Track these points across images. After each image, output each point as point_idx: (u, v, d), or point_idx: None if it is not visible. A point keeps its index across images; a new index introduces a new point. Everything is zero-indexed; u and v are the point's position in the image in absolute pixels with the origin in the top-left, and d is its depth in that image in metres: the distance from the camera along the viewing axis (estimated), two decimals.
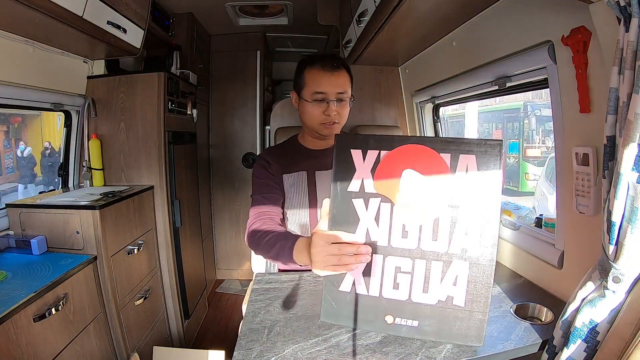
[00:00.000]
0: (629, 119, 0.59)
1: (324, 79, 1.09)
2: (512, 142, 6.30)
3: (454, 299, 0.71)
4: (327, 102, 1.09)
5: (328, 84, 1.09)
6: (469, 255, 0.70)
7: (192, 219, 2.34)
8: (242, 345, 0.75)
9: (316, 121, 1.12)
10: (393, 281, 0.73)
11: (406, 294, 0.73)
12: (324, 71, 1.09)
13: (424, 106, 2.02)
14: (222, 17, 2.46)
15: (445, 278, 0.71)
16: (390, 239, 0.73)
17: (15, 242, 1.37)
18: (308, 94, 1.11)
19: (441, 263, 0.71)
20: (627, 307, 0.65)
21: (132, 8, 1.57)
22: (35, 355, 1.05)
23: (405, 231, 0.72)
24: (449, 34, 1.47)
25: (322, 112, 1.10)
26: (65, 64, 1.65)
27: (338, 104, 1.10)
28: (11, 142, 4.59)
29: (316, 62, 1.11)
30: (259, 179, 1.16)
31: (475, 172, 0.68)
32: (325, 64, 1.10)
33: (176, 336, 1.99)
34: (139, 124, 1.82)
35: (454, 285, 0.70)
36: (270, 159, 1.18)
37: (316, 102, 1.10)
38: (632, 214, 0.61)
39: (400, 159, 0.72)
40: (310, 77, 1.11)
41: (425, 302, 0.72)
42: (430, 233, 0.71)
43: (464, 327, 0.71)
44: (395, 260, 0.73)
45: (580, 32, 0.80)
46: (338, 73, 1.10)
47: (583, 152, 0.85)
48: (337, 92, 1.09)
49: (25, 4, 1.04)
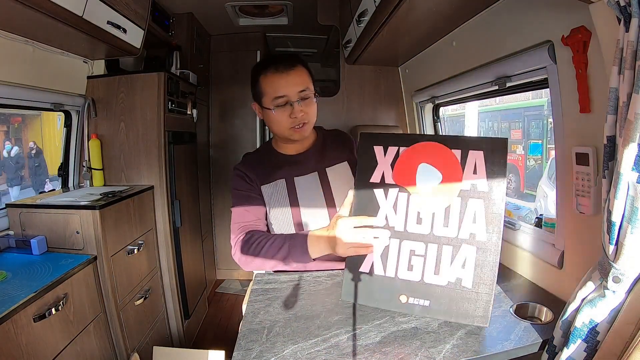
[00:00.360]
0: (629, 119, 0.59)
1: (281, 82, 1.02)
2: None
3: (463, 280, 0.77)
4: (291, 104, 1.02)
5: (287, 86, 1.02)
6: (476, 241, 0.76)
7: (192, 219, 2.34)
8: (241, 346, 0.75)
9: (284, 127, 1.05)
10: (408, 263, 0.81)
11: (419, 275, 0.80)
12: (279, 73, 1.02)
13: (424, 106, 2.02)
14: (222, 17, 2.46)
15: (455, 261, 0.77)
16: (406, 225, 0.81)
17: (15, 242, 1.37)
18: (269, 101, 1.04)
19: (451, 247, 0.78)
20: (627, 307, 0.65)
21: (132, 8, 1.57)
22: (35, 355, 1.05)
23: (420, 218, 0.80)
24: (449, 34, 1.47)
25: (288, 115, 1.03)
26: (65, 64, 1.65)
27: (302, 103, 1.04)
28: (11, 142, 4.57)
29: (269, 66, 1.04)
30: (238, 191, 1.12)
31: (482, 166, 0.76)
32: (279, 65, 1.03)
33: (176, 336, 2.00)
34: (139, 124, 1.81)
35: (462, 268, 0.77)
36: (246, 170, 1.12)
37: (279, 107, 1.03)
38: (632, 214, 0.61)
39: (417, 154, 0.81)
40: (266, 83, 1.04)
41: (437, 283, 0.79)
42: (442, 220, 0.79)
43: (471, 308, 0.77)
44: (410, 244, 0.81)
45: (580, 32, 0.80)
46: (294, 71, 1.03)
47: (583, 152, 0.85)
48: (298, 91, 1.03)
49: (25, 4, 1.04)
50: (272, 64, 1.04)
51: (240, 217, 1.09)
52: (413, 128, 2.20)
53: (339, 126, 2.44)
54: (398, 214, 0.82)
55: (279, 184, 1.11)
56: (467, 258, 0.77)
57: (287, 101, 1.03)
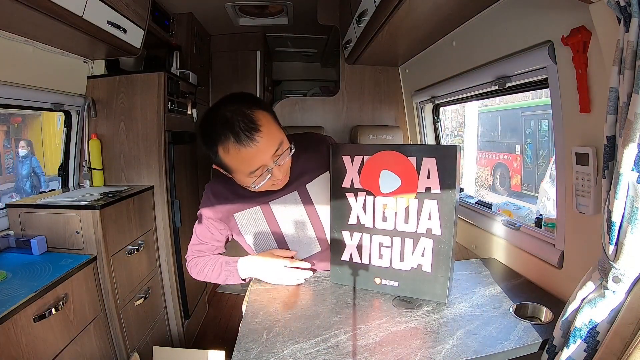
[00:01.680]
0: (629, 119, 0.59)
1: (250, 156, 0.84)
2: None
3: (423, 266, 0.91)
4: (269, 170, 0.89)
5: (259, 157, 0.85)
6: (432, 234, 0.89)
7: (192, 219, 2.32)
8: (241, 346, 0.75)
9: (264, 188, 0.95)
10: (378, 253, 0.96)
11: (388, 262, 0.95)
12: (244, 148, 0.83)
13: (424, 106, 2.02)
14: (222, 17, 2.46)
15: (416, 251, 0.91)
16: (374, 222, 0.95)
17: (15, 242, 1.37)
18: (243, 178, 0.90)
19: (412, 240, 0.91)
20: (627, 307, 0.65)
21: (132, 8, 1.57)
22: (35, 355, 1.05)
23: (385, 216, 0.93)
24: (449, 34, 1.47)
25: (269, 180, 0.90)
26: (65, 64, 1.65)
27: (281, 160, 0.89)
28: (11, 142, 4.55)
29: (227, 136, 0.83)
30: (202, 216, 1.07)
31: (435, 171, 0.86)
32: (240, 134, 0.82)
33: (176, 336, 2.00)
34: (139, 124, 1.81)
35: (422, 256, 0.91)
36: (216, 199, 1.04)
37: (258, 178, 0.89)
38: (632, 214, 0.61)
39: (379, 162, 0.92)
40: (232, 160, 0.86)
41: (402, 269, 0.93)
42: (403, 218, 0.91)
43: (431, 288, 0.91)
44: (379, 238, 0.95)
45: (580, 32, 0.80)
46: (261, 135, 0.84)
47: (583, 152, 0.85)
48: (272, 154, 0.87)
49: (25, 4, 1.04)
50: (230, 132, 0.83)
51: (196, 242, 1.11)
52: (413, 128, 2.20)
53: (339, 126, 2.45)
54: (367, 213, 0.95)
55: (255, 212, 1.03)
56: (425, 248, 0.90)
57: (264, 170, 0.89)
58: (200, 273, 1.09)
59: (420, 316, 0.86)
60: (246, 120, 0.83)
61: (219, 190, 1.05)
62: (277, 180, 0.94)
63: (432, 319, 0.85)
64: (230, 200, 1.03)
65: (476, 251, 1.45)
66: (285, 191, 1.03)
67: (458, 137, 5.72)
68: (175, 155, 1.98)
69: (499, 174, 5.99)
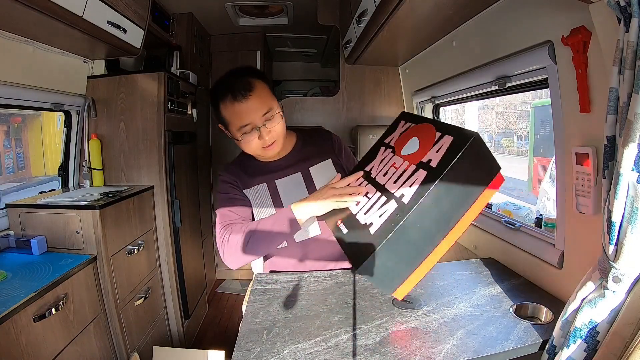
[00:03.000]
0: (629, 119, 0.59)
1: (241, 111, 1.00)
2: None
3: (371, 227, 0.84)
4: (257, 129, 1.02)
5: (248, 114, 1.00)
6: (400, 200, 0.82)
7: (192, 219, 2.34)
8: (241, 346, 0.75)
9: (255, 149, 1.06)
10: (358, 201, 0.95)
11: (357, 210, 0.93)
12: (237, 102, 0.99)
13: (424, 106, 2.02)
14: (222, 17, 2.46)
15: (378, 209, 0.86)
16: (377, 175, 0.97)
17: (15, 242, 1.37)
18: (235, 131, 1.04)
19: (385, 198, 0.87)
20: (627, 307, 0.65)
21: (132, 8, 1.57)
22: (35, 355, 1.05)
23: (387, 172, 0.94)
24: (449, 34, 1.47)
25: (257, 139, 1.03)
26: (65, 64, 1.65)
27: (268, 124, 1.02)
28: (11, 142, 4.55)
29: (227, 93, 1.01)
30: (222, 194, 1.13)
31: (444, 148, 0.82)
32: (236, 92, 0.99)
33: (176, 336, 2.00)
34: (139, 124, 1.81)
35: (378, 217, 0.84)
36: (229, 175, 1.14)
37: (246, 134, 1.03)
38: (632, 214, 0.61)
39: (415, 130, 0.96)
40: (227, 113, 1.02)
41: (360, 220, 0.90)
42: (396, 177, 0.89)
43: (359, 252, 0.83)
44: (369, 188, 0.95)
45: (580, 32, 0.80)
46: (253, 96, 1.00)
47: (583, 152, 0.85)
48: (261, 115, 1.01)
49: (25, 4, 1.04)
50: (229, 89, 1.00)
51: (224, 217, 1.09)
52: None
53: (339, 126, 2.45)
54: (380, 165, 0.98)
55: (260, 189, 1.12)
56: (386, 211, 0.84)
57: (252, 127, 1.02)
58: (249, 234, 1.01)
59: (420, 316, 0.86)
60: (243, 83, 1.01)
61: (232, 171, 1.17)
62: (267, 145, 1.04)
63: (432, 319, 0.85)
64: (241, 177, 1.14)
65: (476, 251, 1.45)
66: (290, 171, 1.13)
67: None
68: (175, 155, 1.98)
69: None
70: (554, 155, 1.12)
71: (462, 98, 1.67)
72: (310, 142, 1.20)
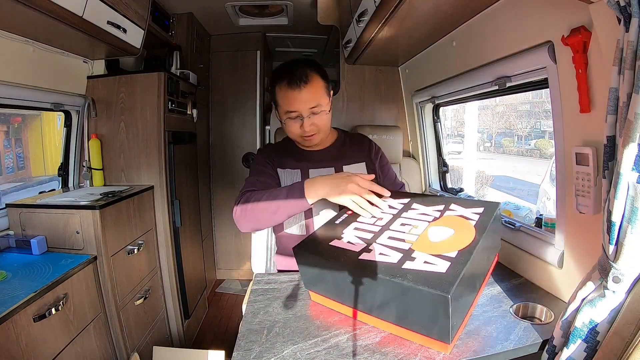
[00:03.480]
0: (629, 119, 0.59)
1: (292, 98, 1.06)
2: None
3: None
4: (301, 118, 1.08)
5: (297, 103, 1.06)
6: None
7: (192, 219, 2.34)
8: (241, 346, 0.75)
9: (295, 135, 1.14)
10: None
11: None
12: (291, 89, 1.06)
13: (424, 106, 2.02)
14: (222, 17, 2.46)
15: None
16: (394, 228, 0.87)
17: (15, 242, 1.37)
18: (282, 113, 1.11)
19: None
20: (627, 307, 0.65)
21: (132, 8, 1.57)
22: (35, 355, 1.05)
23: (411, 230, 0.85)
24: (449, 34, 1.47)
25: (299, 127, 1.10)
26: (65, 64, 1.65)
27: (313, 117, 1.09)
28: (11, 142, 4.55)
29: (284, 78, 1.07)
30: (258, 165, 1.19)
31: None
32: (292, 80, 1.05)
33: (176, 336, 2.00)
34: (139, 124, 1.82)
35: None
36: (268, 151, 1.23)
37: (290, 119, 1.10)
38: (632, 214, 0.61)
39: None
40: (280, 97, 1.09)
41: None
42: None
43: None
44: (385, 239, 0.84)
45: (580, 32, 0.80)
46: (307, 87, 1.06)
47: (583, 152, 0.85)
48: (309, 107, 1.07)
49: (25, 4, 1.04)
50: (287, 76, 1.06)
51: (250, 185, 1.12)
52: (413, 128, 2.20)
53: (339, 126, 2.44)
54: (404, 223, 0.88)
55: (295, 173, 1.17)
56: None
57: (297, 115, 1.09)
58: (255, 200, 1.03)
59: None
60: (301, 73, 1.06)
61: (273, 148, 1.28)
62: (307, 135, 1.11)
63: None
64: (279, 156, 1.21)
65: None
66: (325, 164, 1.19)
67: (458, 137, 5.73)
68: (175, 155, 1.98)
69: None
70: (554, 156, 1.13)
71: (462, 98, 1.67)
72: (349, 143, 1.26)
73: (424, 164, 2.10)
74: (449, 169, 2.02)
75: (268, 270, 1.35)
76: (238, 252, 2.99)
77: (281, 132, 1.70)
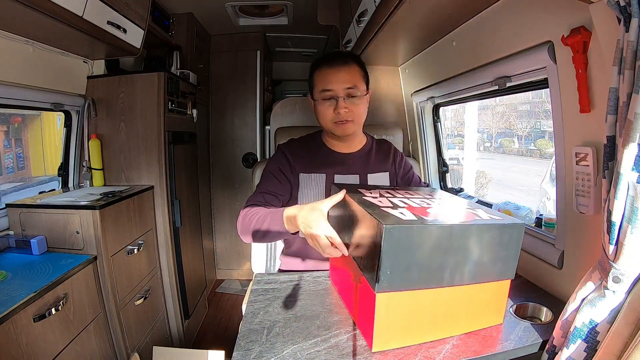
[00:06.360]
0: (629, 119, 0.59)
1: (330, 76, 1.06)
2: None
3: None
4: (336, 99, 1.06)
5: (334, 80, 1.06)
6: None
7: (192, 219, 2.34)
8: (241, 346, 0.75)
9: (327, 120, 1.09)
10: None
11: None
12: (330, 68, 1.07)
13: (424, 106, 2.02)
14: (222, 17, 2.46)
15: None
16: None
17: (15, 242, 1.37)
18: (317, 93, 1.09)
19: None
20: (627, 307, 0.65)
21: (132, 8, 1.57)
22: (35, 355, 1.05)
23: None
24: (449, 34, 1.47)
25: (332, 110, 1.07)
26: (65, 64, 1.65)
27: (348, 101, 1.06)
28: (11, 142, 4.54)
29: (324, 61, 1.09)
30: (271, 171, 1.13)
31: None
32: (333, 60, 1.08)
33: (176, 336, 2.00)
34: (139, 124, 1.81)
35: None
36: (289, 153, 1.15)
37: (325, 100, 1.07)
38: (632, 214, 0.61)
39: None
40: (318, 77, 1.09)
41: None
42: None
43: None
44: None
45: (580, 32, 0.80)
46: (346, 68, 1.07)
47: (583, 152, 0.85)
48: (345, 87, 1.06)
49: (25, 4, 1.04)
50: (328, 58, 1.09)
51: (253, 199, 1.08)
52: (413, 128, 2.20)
53: None
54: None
55: (319, 178, 1.14)
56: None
57: (332, 95, 1.06)
58: (249, 221, 1.00)
59: None
60: (342, 57, 1.09)
61: (294, 148, 1.18)
62: (341, 117, 1.07)
63: None
64: (303, 158, 1.15)
65: None
66: (351, 169, 1.16)
67: (458, 137, 5.73)
68: (175, 155, 1.98)
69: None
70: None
71: (462, 98, 1.67)
72: (376, 150, 1.24)
73: (424, 164, 2.10)
74: (449, 169, 2.02)
75: (268, 270, 1.35)
76: (238, 252, 2.99)
77: (281, 132, 1.69)
